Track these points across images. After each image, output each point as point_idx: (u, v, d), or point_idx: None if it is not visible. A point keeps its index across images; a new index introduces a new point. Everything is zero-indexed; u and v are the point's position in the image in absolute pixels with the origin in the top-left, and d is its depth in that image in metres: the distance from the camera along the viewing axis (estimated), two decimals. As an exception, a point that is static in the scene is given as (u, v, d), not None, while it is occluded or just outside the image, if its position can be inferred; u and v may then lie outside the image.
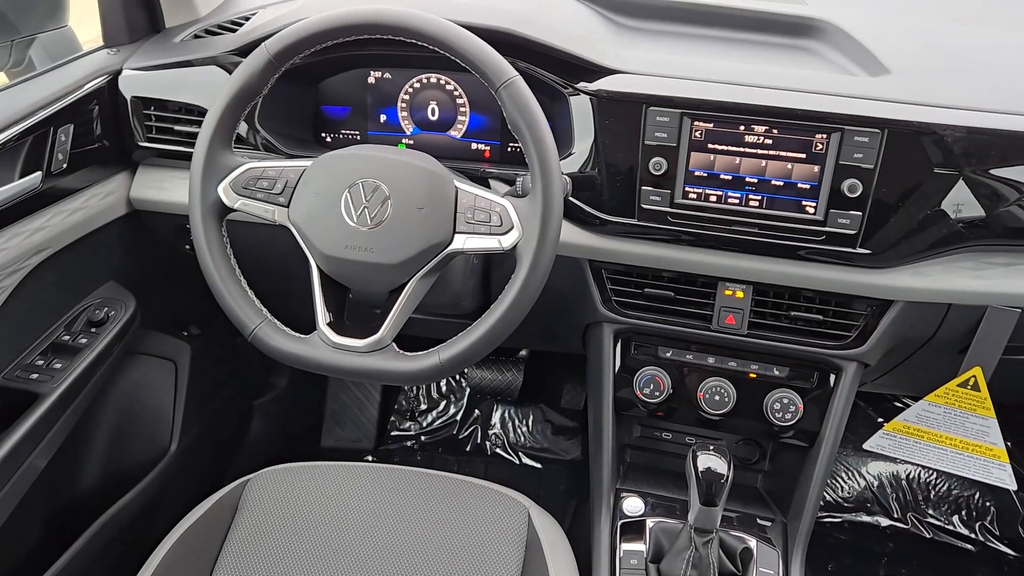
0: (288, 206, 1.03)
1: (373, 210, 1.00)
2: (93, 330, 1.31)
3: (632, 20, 1.32)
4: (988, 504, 1.99)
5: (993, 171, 1.06)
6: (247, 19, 1.36)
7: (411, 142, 1.33)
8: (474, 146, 1.32)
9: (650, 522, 1.25)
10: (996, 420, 1.26)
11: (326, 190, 1.01)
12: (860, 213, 1.09)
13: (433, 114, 1.31)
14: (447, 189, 1.01)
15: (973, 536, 1.96)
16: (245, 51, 1.23)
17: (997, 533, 1.96)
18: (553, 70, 1.16)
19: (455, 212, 0.99)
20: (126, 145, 1.33)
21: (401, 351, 1.02)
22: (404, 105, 1.32)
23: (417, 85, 1.30)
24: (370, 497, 1.18)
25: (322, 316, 1.03)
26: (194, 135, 1.08)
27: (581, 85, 1.14)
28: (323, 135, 1.36)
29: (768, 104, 1.09)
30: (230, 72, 1.23)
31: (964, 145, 1.05)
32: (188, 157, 1.06)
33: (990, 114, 1.06)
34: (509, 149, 1.31)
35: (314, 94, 1.33)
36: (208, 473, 1.75)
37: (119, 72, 1.31)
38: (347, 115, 1.34)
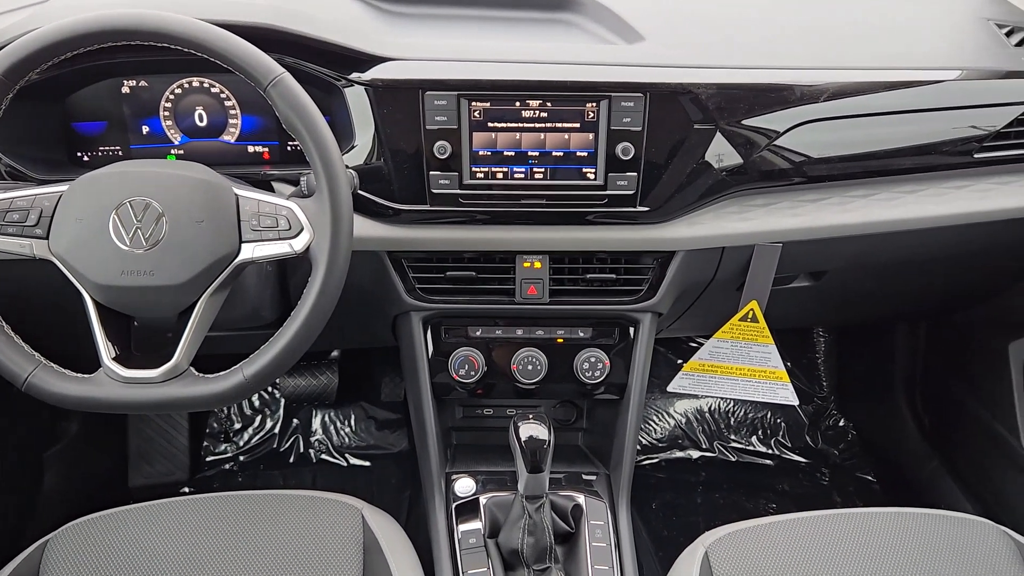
0: (47, 237, 0.94)
1: (147, 230, 0.93)
2: None
3: (397, 6, 1.31)
4: (779, 421, 2.22)
5: (744, 121, 1.17)
6: (-34, 34, 1.21)
7: (181, 152, 1.25)
8: (251, 149, 1.26)
9: (483, 499, 1.27)
10: (775, 346, 1.40)
11: (90, 214, 0.93)
12: (635, 174, 1.16)
13: (201, 120, 1.24)
14: (226, 197, 0.96)
15: (770, 452, 2.18)
16: (-32, 70, 1.09)
17: (789, 445, 2.19)
18: (323, 63, 1.13)
19: (239, 220, 0.95)
20: None
21: (201, 374, 0.96)
22: (167, 113, 1.23)
23: (179, 91, 1.22)
24: (190, 532, 1.11)
25: (105, 351, 0.95)
26: None
27: (354, 76, 1.12)
28: (79, 154, 1.24)
29: (538, 79, 1.12)
30: (-47, 96, 1.10)
31: (716, 101, 1.14)
32: None
33: (736, 70, 1.16)
34: (289, 148, 1.26)
35: (61, 110, 1.21)
36: (-1, 543, 1.57)
37: None
38: (103, 130, 1.23)
